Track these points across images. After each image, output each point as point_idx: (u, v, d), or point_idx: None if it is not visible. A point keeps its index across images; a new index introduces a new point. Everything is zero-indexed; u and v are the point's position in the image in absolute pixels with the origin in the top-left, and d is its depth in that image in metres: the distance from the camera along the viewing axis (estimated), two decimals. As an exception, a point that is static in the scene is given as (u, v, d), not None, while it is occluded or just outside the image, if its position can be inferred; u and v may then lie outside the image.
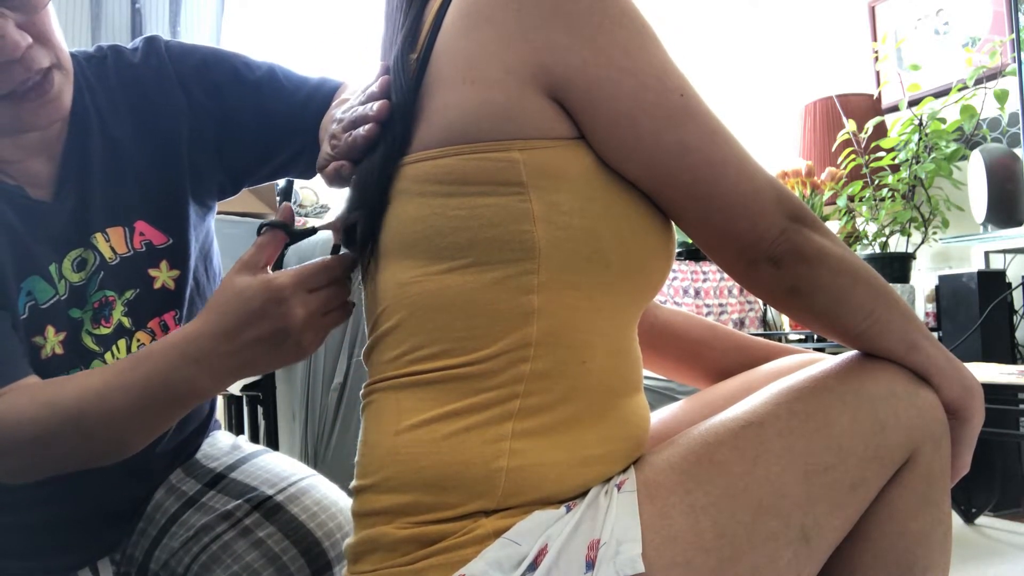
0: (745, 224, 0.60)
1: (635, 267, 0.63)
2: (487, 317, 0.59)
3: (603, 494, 0.59)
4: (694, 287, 2.72)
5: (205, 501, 0.94)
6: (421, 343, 0.61)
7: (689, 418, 0.78)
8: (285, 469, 0.98)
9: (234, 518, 0.91)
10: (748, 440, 0.60)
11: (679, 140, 0.59)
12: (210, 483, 0.96)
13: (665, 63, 0.61)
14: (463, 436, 0.58)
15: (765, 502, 0.57)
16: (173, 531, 0.93)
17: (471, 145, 0.60)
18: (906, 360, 0.65)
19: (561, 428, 0.59)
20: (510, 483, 0.57)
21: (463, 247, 0.60)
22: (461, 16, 0.62)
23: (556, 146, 0.60)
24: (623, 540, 0.55)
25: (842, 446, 0.60)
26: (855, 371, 0.64)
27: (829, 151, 2.69)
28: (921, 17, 2.82)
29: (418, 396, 0.60)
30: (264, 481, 0.95)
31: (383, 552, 0.58)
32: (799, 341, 2.54)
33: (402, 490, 0.59)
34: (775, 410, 0.61)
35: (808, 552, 0.58)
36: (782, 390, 0.63)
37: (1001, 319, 2.12)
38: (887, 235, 2.48)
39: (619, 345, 0.64)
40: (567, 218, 0.59)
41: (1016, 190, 2.16)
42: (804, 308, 0.64)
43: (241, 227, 1.72)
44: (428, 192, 0.61)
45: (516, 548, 0.55)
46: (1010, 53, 2.24)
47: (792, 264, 0.61)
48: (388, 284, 0.64)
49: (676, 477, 0.59)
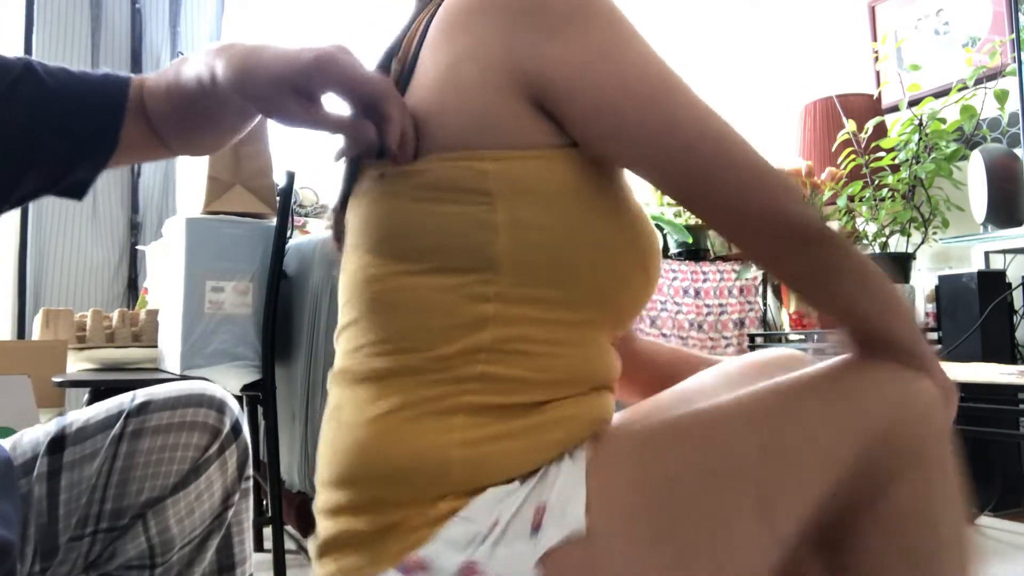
0: (761, 198, 0.58)
1: (604, 292, 0.63)
2: (441, 320, 0.60)
3: (554, 465, 0.60)
4: (694, 287, 2.72)
5: (68, 460, 0.84)
6: (378, 338, 0.62)
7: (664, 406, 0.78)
8: (103, 404, 0.89)
9: (114, 435, 0.84)
10: (711, 416, 0.60)
11: (667, 118, 0.58)
12: (50, 450, 0.85)
13: (646, 51, 0.60)
14: (416, 429, 0.59)
15: (719, 473, 0.57)
16: (64, 500, 0.83)
17: (445, 153, 0.60)
18: (911, 346, 0.63)
19: (513, 420, 0.60)
20: (464, 470, 0.58)
21: (425, 251, 0.60)
22: (441, 28, 0.63)
23: (530, 157, 0.60)
24: (568, 501, 0.56)
25: (813, 427, 0.59)
26: (841, 370, 0.63)
27: (829, 151, 2.69)
28: (921, 17, 2.82)
29: (373, 390, 0.61)
30: (105, 409, 0.87)
31: (347, 544, 0.60)
32: (799, 341, 2.54)
33: (363, 484, 0.60)
34: (748, 400, 0.61)
35: (767, 525, 0.57)
36: (759, 387, 0.63)
37: (1001, 319, 2.12)
38: (887, 235, 2.48)
39: (583, 353, 0.63)
40: (532, 233, 0.59)
41: (1016, 190, 2.16)
42: (830, 291, 0.62)
43: (241, 227, 1.71)
44: (399, 194, 0.62)
45: (470, 525, 0.56)
46: (1010, 53, 2.24)
47: (820, 242, 0.59)
48: (353, 278, 0.65)
49: (629, 446, 0.60)
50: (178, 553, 0.87)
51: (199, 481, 0.87)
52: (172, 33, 3.07)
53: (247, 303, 1.70)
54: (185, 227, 1.65)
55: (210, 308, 1.65)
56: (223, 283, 1.67)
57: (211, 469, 0.87)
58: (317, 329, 1.71)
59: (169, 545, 0.86)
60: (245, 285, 1.69)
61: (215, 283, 1.66)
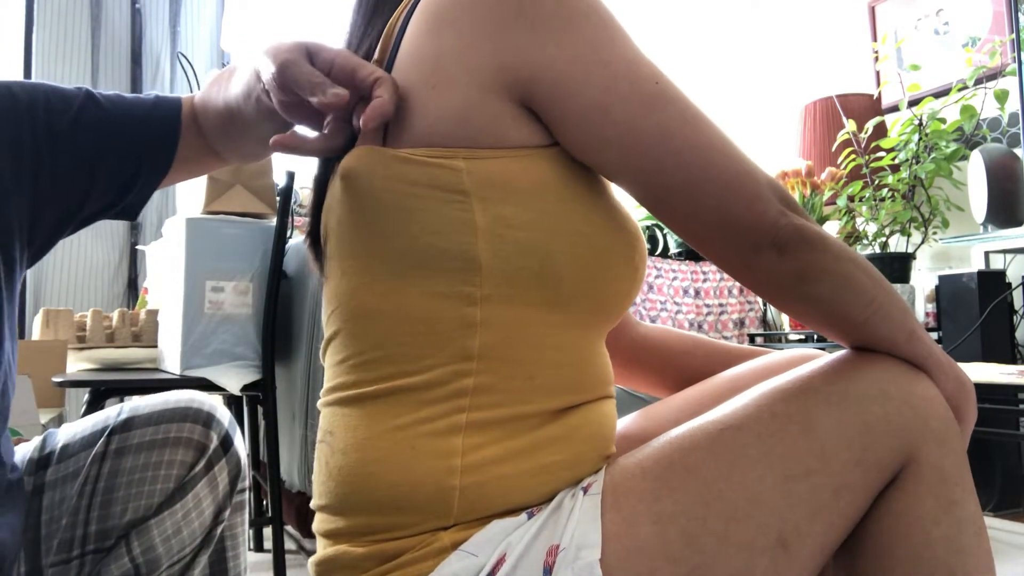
0: (741, 207, 0.56)
1: (592, 288, 0.60)
2: (427, 326, 0.58)
3: (569, 497, 0.57)
4: (694, 287, 2.72)
5: (51, 479, 0.83)
6: (362, 349, 0.60)
7: (673, 415, 0.77)
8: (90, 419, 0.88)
9: (96, 454, 0.83)
10: (725, 444, 0.57)
11: (658, 124, 0.56)
12: (35, 468, 0.85)
13: (636, 54, 0.59)
14: (410, 453, 0.57)
15: (740, 509, 0.55)
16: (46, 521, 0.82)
17: (422, 149, 0.58)
18: (906, 349, 0.62)
19: (514, 437, 0.57)
20: (464, 501, 0.56)
21: (405, 253, 0.58)
22: (425, 20, 0.61)
23: (507, 156, 0.58)
24: (583, 545, 0.53)
25: (825, 450, 0.57)
26: (844, 371, 0.61)
27: (829, 151, 2.69)
28: (921, 17, 2.82)
29: (364, 412, 0.59)
30: (91, 425, 0.87)
31: (345, 569, 0.58)
32: (799, 341, 2.54)
33: (357, 511, 0.58)
34: (756, 412, 0.59)
35: (788, 560, 0.55)
36: (766, 391, 0.61)
37: (1001, 319, 2.12)
38: (887, 235, 2.48)
39: (574, 357, 0.61)
40: (514, 232, 0.57)
41: (1016, 190, 2.16)
42: (810, 297, 0.59)
43: (241, 227, 1.71)
44: (375, 198, 0.60)
45: (473, 560, 0.54)
46: (1010, 53, 2.24)
47: (796, 248, 0.57)
48: (334, 290, 0.63)
49: (646, 483, 0.56)
50: (167, 572, 0.84)
51: (186, 499, 0.85)
52: (172, 33, 3.07)
53: (247, 303, 1.70)
54: (185, 227, 1.65)
55: (210, 308, 1.65)
56: (223, 283, 1.67)
57: (199, 486, 0.85)
58: (317, 329, 1.71)
59: (155, 565, 0.84)
60: (245, 285, 1.69)
61: (215, 283, 1.66)
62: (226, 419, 0.89)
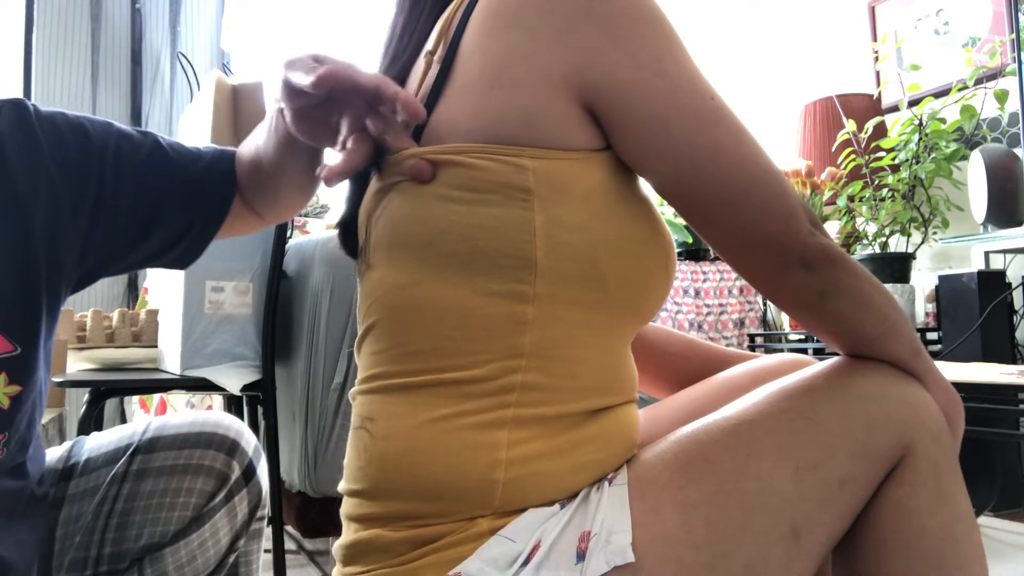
0: (777, 226, 0.59)
1: (632, 289, 0.62)
2: (478, 321, 0.59)
3: (595, 490, 0.60)
4: (694, 287, 2.72)
5: (72, 493, 0.83)
6: (405, 340, 0.61)
7: (675, 415, 0.79)
8: (116, 431, 0.88)
9: (117, 474, 0.82)
10: (740, 438, 0.60)
11: (713, 141, 0.58)
12: (64, 476, 0.85)
13: (694, 67, 0.61)
14: (456, 444, 0.58)
15: (756, 499, 0.58)
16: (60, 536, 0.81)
17: (484, 145, 0.59)
18: (911, 364, 0.65)
19: (556, 435, 0.59)
20: (506, 493, 0.58)
21: (459, 253, 0.59)
22: (489, 16, 0.61)
23: (569, 158, 0.59)
24: (613, 531, 0.56)
25: (831, 443, 0.60)
26: (846, 373, 0.65)
27: (829, 151, 2.69)
28: (921, 17, 2.82)
29: (408, 401, 0.60)
30: (117, 439, 0.86)
31: (378, 553, 0.58)
32: (799, 341, 2.54)
33: (397, 498, 0.59)
34: (766, 409, 0.62)
35: (798, 549, 0.58)
36: (773, 391, 0.64)
37: (1001, 319, 2.12)
38: (887, 235, 2.48)
39: (612, 359, 0.63)
40: (569, 233, 0.59)
41: (1016, 190, 2.16)
42: (830, 313, 0.63)
43: (241, 227, 1.71)
44: (431, 193, 0.60)
45: (512, 545, 0.56)
46: (1010, 53, 2.24)
47: (822, 267, 0.60)
48: (380, 282, 0.63)
49: (668, 474, 0.59)
50: None
51: (203, 529, 0.84)
52: (172, 33, 3.07)
53: (247, 303, 1.70)
54: (185, 227, 1.65)
55: (210, 308, 1.65)
56: (223, 283, 1.67)
57: (217, 516, 0.84)
58: (317, 329, 1.71)
59: None
60: (245, 285, 1.69)
61: (215, 283, 1.66)
62: (251, 446, 0.88)
